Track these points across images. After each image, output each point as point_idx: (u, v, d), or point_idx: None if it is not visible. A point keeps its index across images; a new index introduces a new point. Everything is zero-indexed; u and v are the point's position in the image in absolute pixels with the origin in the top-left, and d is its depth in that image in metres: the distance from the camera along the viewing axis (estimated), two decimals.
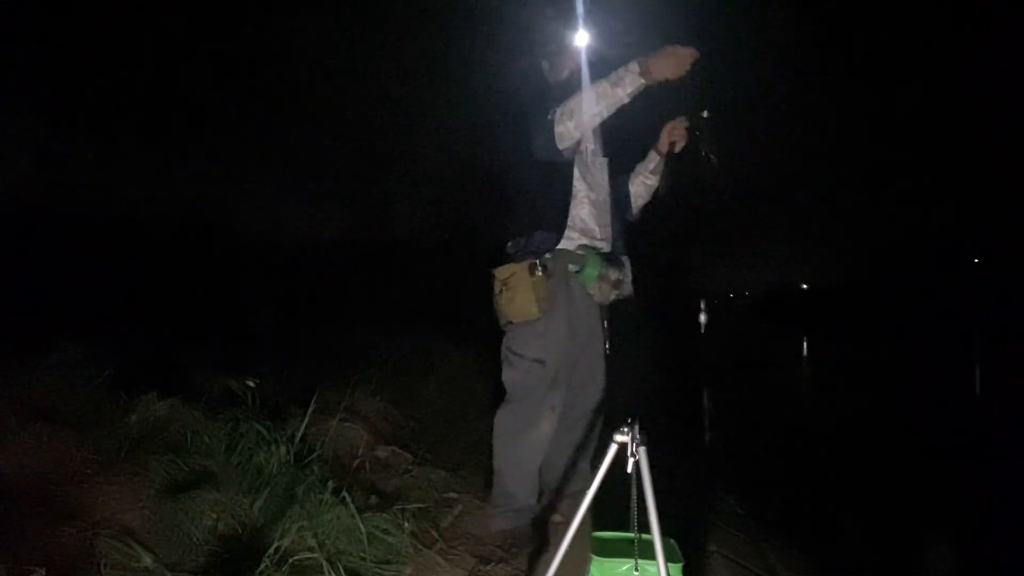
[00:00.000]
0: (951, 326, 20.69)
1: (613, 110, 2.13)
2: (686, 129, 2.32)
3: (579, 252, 2.27)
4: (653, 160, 2.48)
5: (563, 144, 2.17)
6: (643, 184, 2.53)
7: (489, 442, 2.43)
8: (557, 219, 2.28)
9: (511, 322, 2.30)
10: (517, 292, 2.22)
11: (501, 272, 2.26)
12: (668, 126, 2.38)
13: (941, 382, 9.64)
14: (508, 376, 2.36)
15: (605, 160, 2.43)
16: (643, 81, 2.07)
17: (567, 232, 2.29)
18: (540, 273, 2.21)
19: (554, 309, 2.26)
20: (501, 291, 2.25)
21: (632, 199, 2.55)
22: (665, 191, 2.45)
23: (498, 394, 2.46)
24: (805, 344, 18.09)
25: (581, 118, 2.12)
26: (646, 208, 2.61)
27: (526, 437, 2.32)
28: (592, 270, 2.24)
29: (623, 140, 2.52)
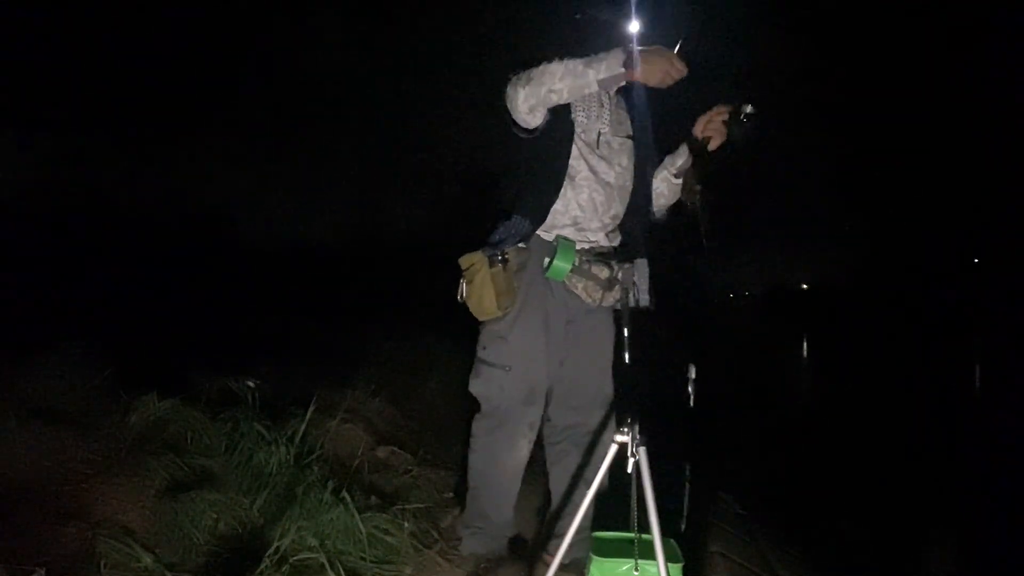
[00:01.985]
0: (951, 326, 20.70)
1: (576, 94, 1.86)
2: (724, 123, 1.89)
3: (555, 243, 1.95)
4: (682, 155, 2.09)
5: (510, 105, 1.92)
6: (665, 181, 2.14)
7: None
8: (539, 204, 2.00)
9: (479, 320, 2.03)
10: (474, 285, 1.94)
11: (463, 261, 1.98)
12: (703, 118, 1.95)
13: (941, 382, 9.64)
14: (473, 385, 2.07)
15: (629, 142, 2.10)
16: (622, 71, 1.79)
17: (555, 219, 2.01)
18: (500, 265, 1.93)
19: (524, 309, 1.99)
20: (462, 283, 1.99)
21: (654, 196, 2.16)
22: (691, 199, 1.96)
23: None
24: (805, 344, 18.09)
25: (538, 88, 1.85)
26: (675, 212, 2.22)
27: (503, 460, 2.08)
28: (562, 263, 1.88)
29: (666, 125, 2.14)
